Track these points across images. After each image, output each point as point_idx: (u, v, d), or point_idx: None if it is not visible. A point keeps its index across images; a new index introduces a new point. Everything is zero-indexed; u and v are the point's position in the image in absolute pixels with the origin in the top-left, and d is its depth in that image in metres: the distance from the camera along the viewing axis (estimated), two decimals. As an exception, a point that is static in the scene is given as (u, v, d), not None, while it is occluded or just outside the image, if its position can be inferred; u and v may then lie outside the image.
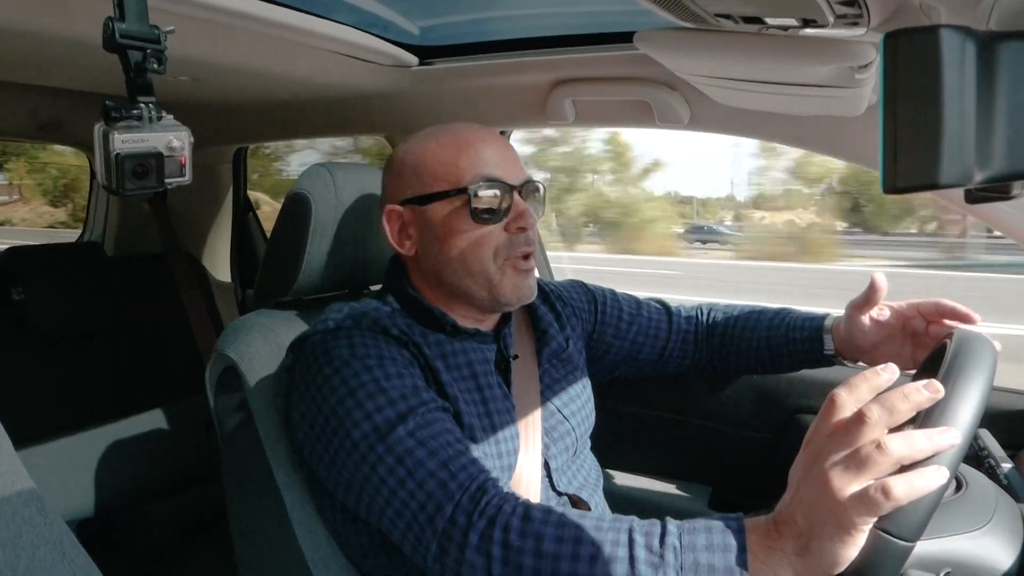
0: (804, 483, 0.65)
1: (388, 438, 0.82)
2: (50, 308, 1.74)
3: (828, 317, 1.15)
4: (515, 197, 0.98)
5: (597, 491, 1.11)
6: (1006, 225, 1.12)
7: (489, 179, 0.96)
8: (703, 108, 1.33)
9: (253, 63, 1.34)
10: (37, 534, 0.64)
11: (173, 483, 1.95)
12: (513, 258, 0.98)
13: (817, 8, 0.76)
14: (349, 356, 0.89)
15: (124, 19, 0.68)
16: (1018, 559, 0.75)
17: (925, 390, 0.63)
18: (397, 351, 0.93)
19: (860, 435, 0.62)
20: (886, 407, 0.62)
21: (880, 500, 0.59)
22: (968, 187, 0.42)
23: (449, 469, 0.80)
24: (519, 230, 0.98)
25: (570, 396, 1.11)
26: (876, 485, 0.60)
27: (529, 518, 0.74)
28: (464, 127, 1.02)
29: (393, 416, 0.84)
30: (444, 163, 0.98)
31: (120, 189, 0.70)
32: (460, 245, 0.97)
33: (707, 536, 0.69)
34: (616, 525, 0.73)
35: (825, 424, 0.65)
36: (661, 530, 0.71)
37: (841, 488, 0.61)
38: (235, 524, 1.07)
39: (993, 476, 0.93)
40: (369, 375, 0.87)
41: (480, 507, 0.76)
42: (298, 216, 1.10)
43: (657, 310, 1.30)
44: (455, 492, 0.78)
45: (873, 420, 0.62)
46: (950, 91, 0.39)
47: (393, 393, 0.86)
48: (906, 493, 0.60)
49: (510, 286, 0.99)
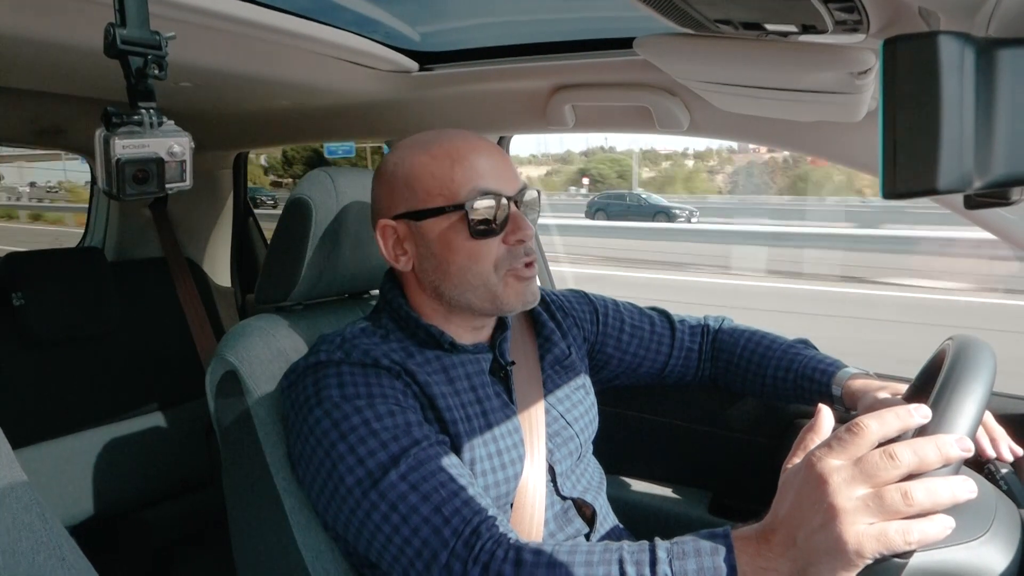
0: (810, 508, 0.63)
1: (380, 484, 0.83)
2: (50, 313, 1.74)
3: (841, 371, 1.12)
4: (512, 209, 0.97)
5: (600, 494, 1.11)
6: (1005, 231, 1.12)
7: (485, 193, 0.95)
8: (703, 114, 1.33)
9: (254, 69, 1.34)
10: (36, 539, 0.64)
11: (173, 488, 1.95)
12: (515, 268, 0.98)
13: (817, 14, 0.76)
14: (339, 398, 0.89)
15: (125, 25, 0.69)
16: (1016, 566, 0.74)
17: (958, 444, 0.62)
18: (389, 384, 0.92)
19: (886, 477, 0.61)
20: (919, 455, 0.61)
21: (899, 543, 0.60)
22: (967, 192, 0.42)
23: (443, 513, 0.80)
24: (518, 242, 0.97)
25: (573, 402, 1.11)
26: (898, 528, 0.60)
27: (521, 563, 0.75)
28: (456, 136, 1.00)
29: (385, 459, 0.84)
30: (438, 177, 0.96)
31: (121, 194, 0.70)
32: (459, 261, 0.96)
33: (697, 560, 0.69)
34: (607, 557, 0.74)
35: (843, 448, 0.63)
36: (651, 557, 0.72)
37: (855, 523, 0.60)
38: (235, 529, 1.07)
39: (993, 481, 0.93)
40: (359, 417, 0.87)
41: (474, 554, 0.77)
42: (299, 221, 1.10)
43: (660, 323, 1.29)
44: (449, 539, 0.79)
45: (903, 466, 0.61)
46: (949, 97, 0.39)
47: (384, 435, 0.86)
48: (920, 540, 0.60)
49: (513, 294, 0.98)
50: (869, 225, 17.22)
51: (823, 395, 1.11)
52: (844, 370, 1.12)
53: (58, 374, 1.77)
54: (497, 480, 0.94)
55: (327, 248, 1.11)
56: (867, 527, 0.60)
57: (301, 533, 0.97)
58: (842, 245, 14.16)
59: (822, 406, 0.74)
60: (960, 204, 0.49)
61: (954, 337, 0.82)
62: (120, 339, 1.90)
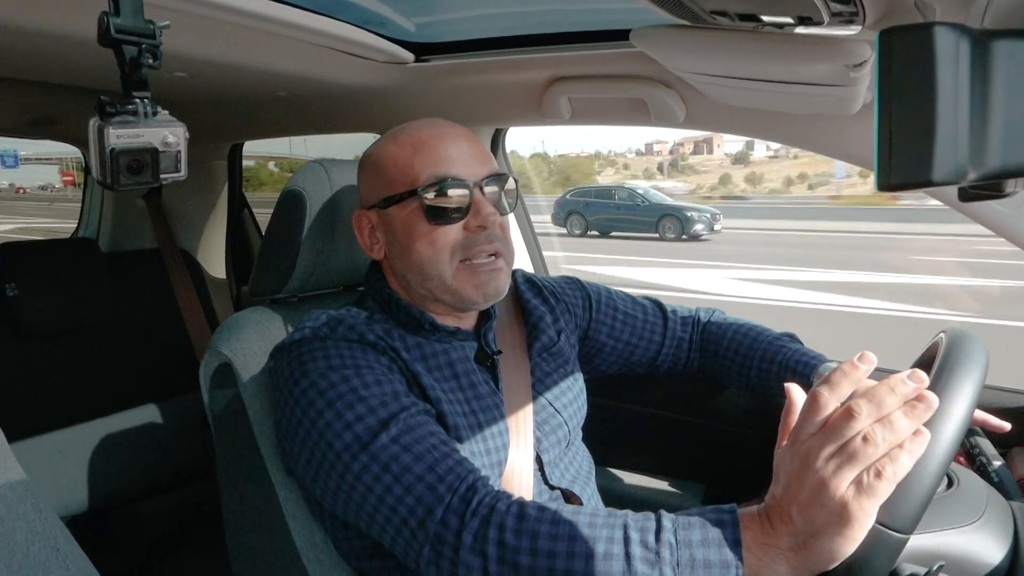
0: (797, 483, 0.65)
1: (371, 446, 0.82)
2: (44, 304, 1.73)
3: (823, 365, 1.13)
4: (476, 194, 0.96)
5: (590, 483, 1.11)
6: (998, 224, 1.12)
7: (442, 178, 0.94)
8: (699, 106, 1.33)
9: (249, 59, 1.34)
10: (31, 530, 0.64)
11: (168, 479, 1.95)
12: (472, 257, 0.96)
13: (813, 6, 0.76)
14: (325, 367, 0.88)
15: (119, 14, 0.68)
16: (1008, 554, 0.75)
17: (910, 380, 0.63)
18: (375, 358, 0.91)
19: (849, 431, 0.62)
20: (874, 402, 0.62)
21: (876, 484, 0.61)
22: (962, 185, 0.42)
23: (436, 472, 0.80)
24: (478, 228, 0.96)
25: (561, 389, 1.11)
26: (870, 471, 0.61)
27: (524, 516, 0.74)
28: (425, 124, 1.00)
29: (375, 424, 0.83)
30: (400, 165, 0.96)
31: (115, 184, 0.70)
32: (418, 248, 0.96)
33: (702, 531, 0.69)
34: (611, 521, 0.73)
35: (810, 422, 0.65)
36: (656, 525, 0.72)
37: (837, 484, 0.62)
38: (229, 520, 1.07)
39: (984, 474, 0.93)
40: (347, 385, 0.86)
41: (472, 507, 0.76)
42: (293, 213, 1.10)
43: (653, 312, 1.29)
44: (444, 494, 0.78)
45: (862, 416, 0.62)
46: (944, 89, 0.39)
47: (373, 401, 0.85)
48: (895, 469, 0.61)
49: (470, 287, 0.97)
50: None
51: (806, 390, 1.11)
52: (826, 364, 1.14)
53: (52, 366, 1.77)
54: (481, 464, 0.93)
55: (321, 240, 1.11)
56: (848, 484, 0.62)
57: (295, 524, 0.98)
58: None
59: (788, 385, 0.76)
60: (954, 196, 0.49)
61: (946, 330, 0.83)
62: (114, 331, 1.89)
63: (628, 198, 16.67)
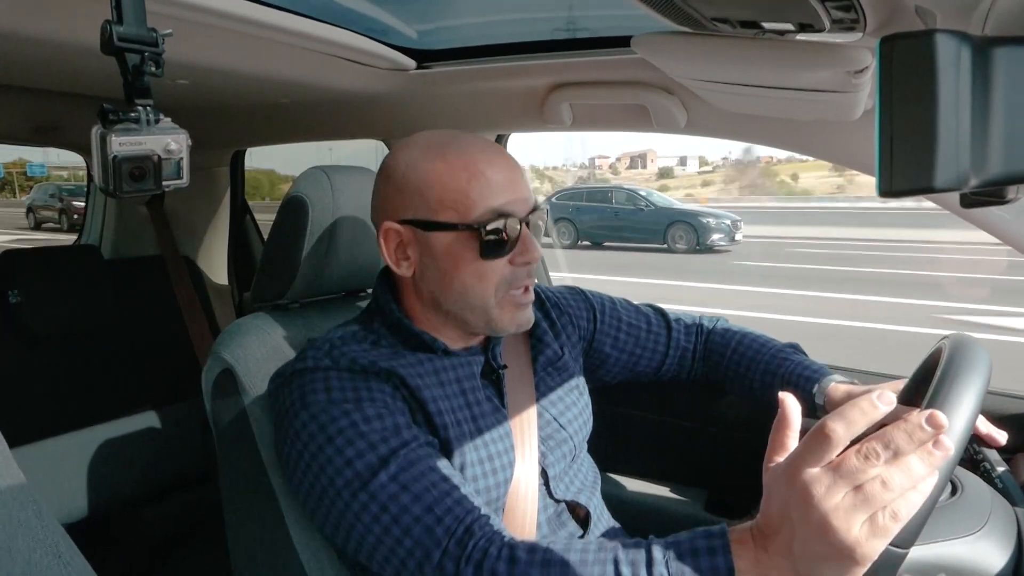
0: (799, 516, 0.62)
1: (370, 485, 0.82)
2: (47, 310, 1.73)
3: (825, 379, 1.11)
4: (523, 230, 0.94)
5: (595, 494, 1.11)
6: (1000, 230, 1.12)
7: (502, 214, 0.91)
8: (700, 112, 1.33)
9: (251, 67, 1.34)
10: (33, 536, 0.64)
11: (170, 485, 1.95)
12: (513, 292, 0.96)
13: (814, 13, 0.76)
14: (326, 401, 0.88)
15: (122, 22, 0.69)
16: (1012, 562, 0.75)
17: (929, 425, 0.60)
18: (377, 388, 0.90)
19: (864, 475, 0.60)
20: (891, 448, 0.60)
21: (890, 525, 0.59)
22: (963, 191, 0.42)
23: (435, 513, 0.80)
24: (523, 264, 0.95)
25: (566, 404, 1.10)
26: (885, 512, 0.59)
27: (515, 560, 0.75)
28: (472, 145, 0.95)
29: (374, 461, 0.83)
30: (451, 190, 0.91)
31: (117, 191, 0.71)
32: (463, 278, 0.94)
33: (694, 561, 0.69)
34: (601, 557, 0.73)
35: (814, 455, 0.62)
36: (647, 557, 0.71)
37: (850, 526, 0.60)
38: (231, 526, 1.06)
39: (988, 479, 0.93)
40: (347, 419, 0.86)
41: (467, 552, 0.77)
42: (295, 219, 1.10)
43: (657, 322, 1.28)
44: (442, 538, 0.78)
45: (880, 461, 0.60)
46: (946, 95, 0.39)
47: (373, 436, 0.85)
48: (909, 511, 0.60)
49: (508, 319, 0.97)
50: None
51: (806, 403, 1.09)
52: (828, 378, 1.11)
53: (54, 372, 1.77)
54: (488, 485, 0.93)
55: (323, 246, 1.11)
56: (860, 525, 0.60)
57: (297, 530, 0.97)
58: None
59: (783, 396, 0.70)
60: (956, 203, 0.49)
61: (949, 337, 0.83)
62: (116, 337, 1.90)
63: (627, 201, 14.57)
